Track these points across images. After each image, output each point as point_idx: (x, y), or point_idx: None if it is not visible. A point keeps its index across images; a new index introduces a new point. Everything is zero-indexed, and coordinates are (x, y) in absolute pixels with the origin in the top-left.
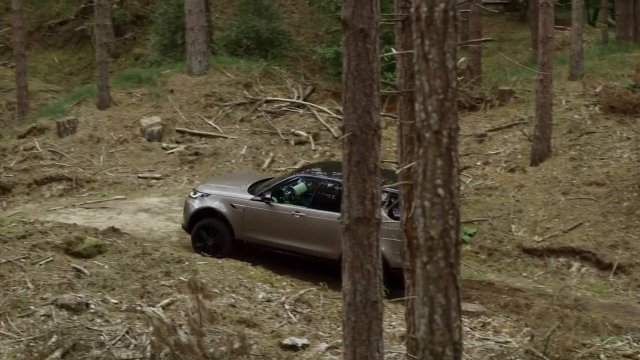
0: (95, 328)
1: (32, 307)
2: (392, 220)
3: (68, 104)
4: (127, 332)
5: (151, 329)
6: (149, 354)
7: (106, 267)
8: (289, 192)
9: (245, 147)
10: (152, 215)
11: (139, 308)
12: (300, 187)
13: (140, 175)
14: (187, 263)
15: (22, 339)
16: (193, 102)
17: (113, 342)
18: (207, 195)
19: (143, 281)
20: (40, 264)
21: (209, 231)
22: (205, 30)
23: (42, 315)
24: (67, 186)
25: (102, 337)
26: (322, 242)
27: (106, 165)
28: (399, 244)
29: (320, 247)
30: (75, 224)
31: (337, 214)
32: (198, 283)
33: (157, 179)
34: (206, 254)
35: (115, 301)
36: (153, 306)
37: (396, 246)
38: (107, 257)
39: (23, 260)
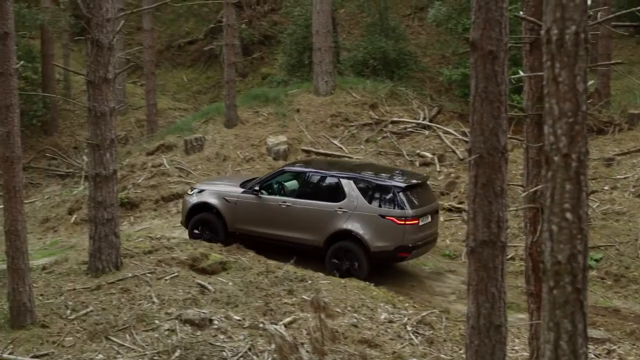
0: (218, 344)
1: (156, 322)
2: (370, 207)
3: (196, 122)
4: (249, 349)
5: (273, 346)
6: None
7: (230, 283)
8: (276, 185)
9: None
10: None
11: (261, 325)
12: (292, 183)
13: None
14: (310, 282)
15: (147, 352)
16: (319, 122)
17: (235, 358)
18: (203, 191)
19: (266, 299)
20: (166, 279)
21: (204, 225)
22: (332, 50)
23: (167, 329)
24: None
25: (224, 353)
26: (307, 230)
27: None
28: (377, 230)
29: (306, 234)
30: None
31: (321, 203)
32: (321, 302)
33: None
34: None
35: (238, 318)
36: (275, 324)
37: (374, 231)
38: (231, 273)
39: (149, 275)
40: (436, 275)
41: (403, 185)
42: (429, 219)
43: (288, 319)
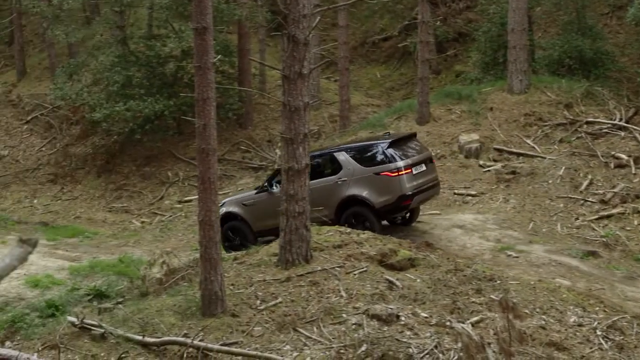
0: (405, 340)
1: (344, 315)
2: (365, 169)
3: (388, 118)
4: (435, 347)
5: (460, 345)
6: None
7: (418, 280)
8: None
9: (563, 168)
10: (466, 232)
11: (448, 323)
12: None
13: (456, 191)
14: (498, 282)
15: (333, 345)
16: (512, 121)
17: (421, 355)
18: (224, 204)
19: (454, 297)
20: (354, 274)
21: (233, 232)
22: (527, 49)
23: (354, 323)
24: None
25: (410, 350)
26: (317, 207)
27: None
28: (376, 187)
29: (317, 212)
30: (389, 236)
31: (323, 179)
32: (509, 302)
33: (473, 196)
34: (234, 252)
35: (425, 315)
36: (463, 322)
37: (374, 189)
38: (419, 270)
39: (338, 269)
40: (629, 279)
41: (388, 141)
42: (424, 167)
43: (475, 318)
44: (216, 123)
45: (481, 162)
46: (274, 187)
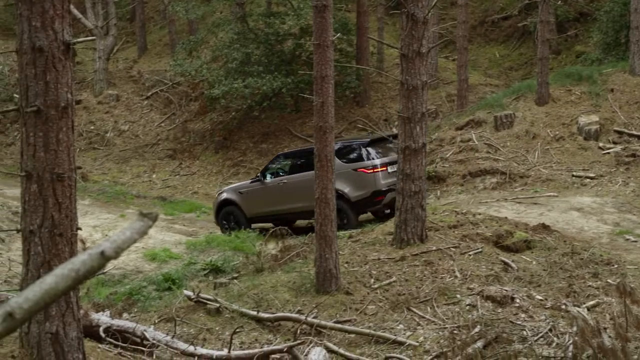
0: (519, 322)
1: (458, 296)
2: (344, 165)
3: (506, 99)
4: (550, 330)
5: (575, 329)
6: (570, 354)
7: (534, 263)
8: (275, 168)
9: None
10: (583, 215)
11: (563, 307)
12: (287, 164)
13: (574, 173)
14: (616, 266)
15: (447, 326)
16: (633, 103)
17: (535, 338)
18: (223, 192)
19: (570, 280)
20: (469, 255)
21: (229, 216)
22: None
23: (468, 304)
24: (500, 180)
25: (524, 332)
26: (302, 198)
27: (540, 162)
28: (353, 182)
29: (303, 202)
30: (505, 217)
31: (307, 172)
32: (627, 287)
33: (591, 178)
34: (229, 233)
35: (540, 298)
36: (578, 306)
37: (351, 184)
38: (535, 253)
39: (453, 249)
40: None
41: (367, 140)
42: None
43: (591, 302)
44: (334, 101)
45: (601, 144)
46: (267, 178)
